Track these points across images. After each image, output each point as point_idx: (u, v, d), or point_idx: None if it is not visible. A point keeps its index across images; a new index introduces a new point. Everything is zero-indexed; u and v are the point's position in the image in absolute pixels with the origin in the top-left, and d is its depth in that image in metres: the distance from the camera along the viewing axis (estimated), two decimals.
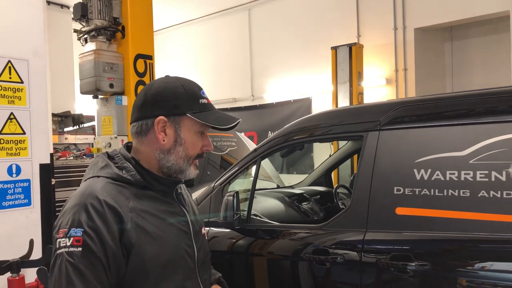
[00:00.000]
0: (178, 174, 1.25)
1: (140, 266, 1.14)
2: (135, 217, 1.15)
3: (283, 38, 7.80)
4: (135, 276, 1.14)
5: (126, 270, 1.13)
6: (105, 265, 1.09)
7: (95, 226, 1.09)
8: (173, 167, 1.24)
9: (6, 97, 2.50)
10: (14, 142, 2.55)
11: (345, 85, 6.04)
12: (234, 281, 2.44)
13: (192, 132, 1.25)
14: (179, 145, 1.24)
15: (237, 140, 4.68)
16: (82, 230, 1.08)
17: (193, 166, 1.27)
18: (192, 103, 1.24)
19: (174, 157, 1.24)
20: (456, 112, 1.95)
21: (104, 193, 1.14)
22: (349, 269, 1.97)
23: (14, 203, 2.56)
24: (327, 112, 2.57)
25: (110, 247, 1.09)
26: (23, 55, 2.57)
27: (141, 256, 1.14)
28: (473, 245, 1.74)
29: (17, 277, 2.15)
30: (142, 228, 1.16)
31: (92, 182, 1.19)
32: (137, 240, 1.13)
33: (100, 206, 1.11)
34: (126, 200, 1.17)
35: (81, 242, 1.07)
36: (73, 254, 1.07)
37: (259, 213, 2.62)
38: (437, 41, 6.78)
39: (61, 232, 1.11)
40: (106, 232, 1.09)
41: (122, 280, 1.13)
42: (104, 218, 1.11)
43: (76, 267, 1.06)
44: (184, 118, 1.24)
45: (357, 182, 2.04)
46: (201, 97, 1.26)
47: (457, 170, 1.77)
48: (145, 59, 3.67)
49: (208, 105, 1.27)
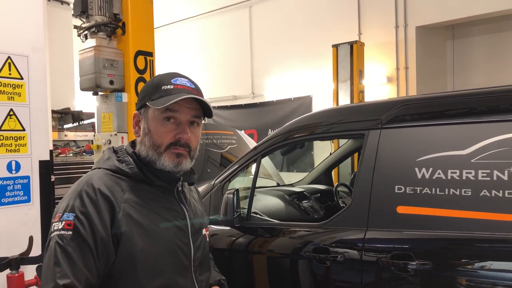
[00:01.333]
0: (153, 164, 1.24)
1: (129, 256, 1.15)
2: (128, 207, 1.17)
3: (283, 35, 7.78)
4: (124, 266, 1.15)
5: (115, 258, 1.14)
6: (93, 250, 1.11)
7: (87, 211, 1.13)
8: (147, 158, 1.25)
9: (6, 93, 2.49)
10: (14, 139, 2.54)
11: (346, 83, 6.03)
12: (234, 279, 2.43)
13: (156, 121, 1.24)
14: (145, 135, 1.25)
15: (237, 138, 4.67)
16: (74, 215, 1.12)
17: (167, 156, 1.23)
18: (152, 92, 1.25)
19: (144, 148, 1.25)
20: (458, 111, 1.94)
21: (100, 182, 1.18)
22: (350, 268, 1.96)
23: (14, 199, 2.55)
24: (327, 110, 2.56)
25: (99, 233, 1.12)
26: (22, 51, 2.56)
27: (130, 246, 1.15)
28: (475, 245, 1.73)
29: (16, 274, 2.15)
30: (134, 219, 1.17)
31: (92, 173, 1.24)
32: (126, 230, 1.15)
33: (93, 193, 1.15)
34: (121, 192, 1.19)
35: (72, 226, 1.11)
36: (63, 237, 1.10)
37: (259, 211, 2.61)
38: (438, 39, 6.76)
39: (57, 216, 1.15)
40: (97, 219, 1.12)
41: (111, 269, 1.15)
42: (96, 205, 1.14)
43: (64, 249, 1.09)
44: (148, 108, 1.25)
45: (358, 180, 2.03)
46: (166, 84, 1.24)
47: (458, 169, 1.76)
48: (146, 56, 3.65)
49: (172, 90, 1.23)
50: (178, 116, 1.24)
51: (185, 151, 1.25)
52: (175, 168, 1.24)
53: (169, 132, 1.23)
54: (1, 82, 2.47)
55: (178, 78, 1.28)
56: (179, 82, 1.26)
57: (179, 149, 1.24)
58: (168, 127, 1.24)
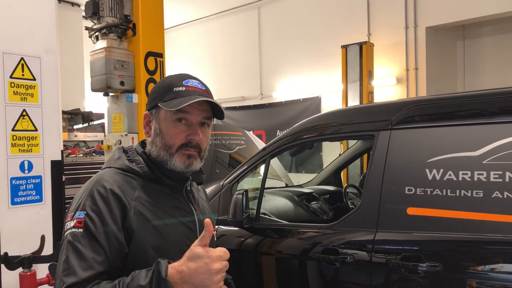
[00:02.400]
0: (164, 165, 1.25)
1: (140, 252, 1.16)
2: (139, 205, 1.19)
3: (292, 36, 7.78)
4: (136, 262, 1.16)
5: (128, 253, 1.16)
6: (104, 245, 1.12)
7: (98, 209, 1.14)
8: (158, 159, 1.26)
9: (19, 94, 2.53)
10: (26, 139, 2.57)
11: (355, 84, 6.00)
12: (243, 279, 2.44)
13: (168, 121, 1.25)
14: (157, 135, 1.26)
15: (246, 139, 4.67)
16: (85, 213, 1.14)
17: (178, 156, 1.24)
18: (164, 93, 1.26)
19: (155, 148, 1.26)
20: (469, 112, 1.93)
21: (111, 181, 1.20)
22: (359, 269, 1.95)
23: (26, 199, 2.59)
24: (337, 111, 2.55)
25: (111, 229, 1.13)
26: (35, 52, 2.60)
27: (141, 243, 1.17)
28: (486, 247, 1.71)
29: (28, 273, 2.18)
30: (145, 217, 1.19)
31: (103, 172, 1.25)
32: (138, 227, 1.17)
33: (105, 192, 1.16)
34: (132, 190, 1.21)
35: (83, 224, 1.12)
36: (74, 234, 1.12)
37: (268, 212, 2.61)
38: (449, 40, 6.70)
39: (69, 216, 1.17)
40: (108, 215, 1.14)
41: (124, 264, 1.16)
42: (107, 202, 1.15)
43: (74, 246, 1.10)
44: (160, 109, 1.26)
45: (368, 181, 2.02)
46: (177, 86, 1.26)
47: (470, 170, 1.74)
48: (156, 57, 3.68)
49: (184, 92, 1.25)
50: (190, 117, 1.25)
51: (196, 152, 1.27)
52: (186, 169, 1.26)
53: (181, 133, 1.25)
54: (14, 83, 2.51)
55: (190, 79, 1.29)
56: (190, 84, 1.27)
57: (190, 150, 1.26)
58: (180, 128, 1.25)
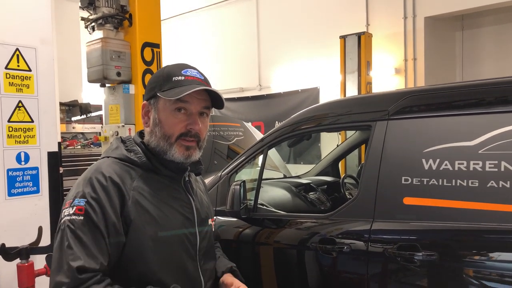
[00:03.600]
0: (163, 155, 1.26)
1: (137, 243, 1.17)
2: (137, 195, 1.19)
3: (291, 27, 7.73)
4: (133, 253, 1.17)
5: (125, 242, 1.16)
6: (105, 235, 1.12)
7: (98, 197, 1.14)
8: (157, 149, 1.26)
9: (14, 85, 2.52)
10: (23, 130, 2.57)
11: (354, 74, 5.99)
12: (240, 270, 2.44)
13: (167, 111, 1.25)
14: (156, 125, 1.26)
15: (244, 130, 4.67)
16: (85, 200, 1.14)
17: (177, 147, 1.25)
18: (163, 83, 1.25)
19: (154, 138, 1.27)
20: (466, 102, 1.93)
21: (110, 170, 1.20)
22: (356, 259, 1.96)
23: (23, 190, 2.59)
24: (334, 102, 2.54)
25: (110, 218, 1.13)
26: (31, 43, 2.58)
27: (139, 233, 1.17)
28: (481, 236, 1.72)
29: (26, 264, 2.18)
30: (143, 207, 1.19)
31: (101, 162, 1.26)
32: (136, 217, 1.17)
33: (104, 180, 1.17)
34: (130, 180, 1.21)
35: (83, 211, 1.13)
36: (75, 221, 1.12)
37: (265, 203, 2.62)
38: (447, 30, 6.67)
39: (67, 203, 1.17)
40: (107, 204, 1.14)
41: (121, 254, 1.17)
42: (106, 191, 1.15)
43: (75, 233, 1.11)
44: (159, 99, 1.26)
45: (365, 171, 2.03)
46: (176, 75, 1.25)
47: (466, 160, 1.74)
48: (153, 48, 3.65)
49: (183, 81, 1.25)
50: (189, 107, 1.25)
51: (195, 143, 1.27)
52: (185, 160, 1.26)
53: (180, 122, 1.25)
54: (9, 74, 2.49)
55: (188, 69, 1.29)
56: (189, 73, 1.27)
57: (188, 140, 1.26)
58: (179, 118, 1.25)
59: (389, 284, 1.89)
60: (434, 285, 1.77)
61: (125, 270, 1.17)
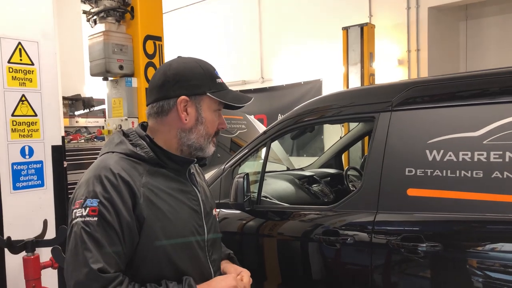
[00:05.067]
0: (198, 151, 1.30)
1: (150, 240, 1.17)
2: (147, 192, 1.19)
3: (293, 19, 7.69)
4: (146, 250, 1.17)
5: (139, 242, 1.16)
6: (120, 235, 1.12)
7: (110, 197, 1.13)
8: (193, 145, 1.28)
9: (17, 79, 2.52)
10: (26, 124, 2.57)
11: (356, 66, 5.96)
12: (244, 261, 2.45)
13: (211, 111, 1.30)
14: (200, 124, 1.28)
15: (247, 123, 4.67)
16: (98, 201, 1.12)
17: (212, 144, 1.32)
18: (210, 83, 1.29)
19: (195, 136, 1.28)
20: (470, 92, 1.91)
21: (118, 167, 1.18)
22: (359, 250, 1.97)
23: (28, 184, 2.60)
24: (337, 93, 2.53)
25: (124, 217, 1.13)
26: (33, 37, 2.57)
27: (152, 230, 1.17)
28: (485, 226, 1.72)
29: (32, 256, 2.21)
30: (154, 204, 1.19)
31: (106, 157, 1.23)
32: (148, 214, 1.17)
33: (114, 178, 1.15)
34: (139, 176, 1.20)
35: (97, 212, 1.11)
36: (89, 223, 1.11)
37: (269, 195, 2.62)
38: (451, 20, 6.61)
39: (77, 203, 1.15)
40: (120, 203, 1.13)
41: (135, 252, 1.17)
42: (118, 190, 1.14)
43: (91, 235, 1.10)
44: (204, 98, 1.28)
45: (368, 163, 2.02)
46: (217, 77, 1.31)
47: (470, 151, 1.74)
48: (155, 41, 3.64)
49: (223, 85, 1.33)
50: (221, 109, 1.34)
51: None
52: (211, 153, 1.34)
53: (216, 122, 1.33)
54: (12, 68, 2.50)
55: (215, 69, 1.35)
56: (219, 75, 1.34)
57: (216, 138, 1.35)
58: (217, 119, 1.32)
59: (393, 275, 1.89)
60: (438, 276, 1.77)
61: (138, 267, 1.18)
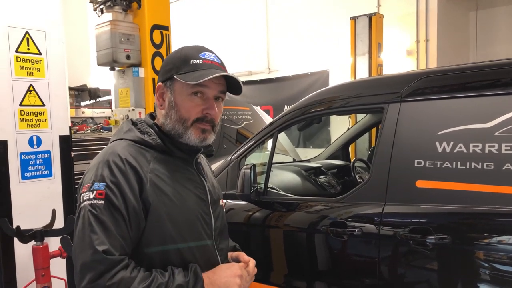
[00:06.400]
0: (178, 138, 1.25)
1: (157, 226, 1.17)
2: (154, 178, 1.19)
3: (300, 8, 7.61)
4: (152, 236, 1.17)
5: (145, 227, 1.16)
6: (126, 218, 1.12)
7: (117, 181, 1.13)
8: (172, 131, 1.26)
9: (25, 69, 2.52)
10: (34, 114, 2.58)
11: (364, 56, 5.88)
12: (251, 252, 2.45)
13: (184, 95, 1.23)
14: (171, 108, 1.25)
15: (253, 114, 4.65)
16: (105, 184, 1.13)
17: (193, 130, 1.24)
18: (180, 65, 1.23)
19: (169, 121, 1.26)
20: (481, 83, 1.89)
21: (126, 153, 1.19)
22: (367, 242, 1.96)
23: (36, 173, 2.62)
24: (345, 84, 2.51)
25: (131, 202, 1.13)
26: (40, 26, 2.57)
27: (158, 215, 1.17)
28: (495, 219, 1.71)
29: (41, 245, 2.23)
30: (161, 189, 1.19)
31: (115, 144, 1.24)
32: (154, 200, 1.17)
33: (121, 163, 1.16)
34: (146, 162, 1.20)
35: (104, 195, 1.12)
36: (96, 206, 1.11)
37: (276, 186, 2.62)
38: (461, 10, 6.51)
39: (85, 187, 1.15)
40: (127, 188, 1.13)
41: (141, 237, 1.16)
42: (125, 174, 1.14)
43: (98, 217, 1.10)
44: (175, 82, 1.24)
45: (377, 154, 2.01)
46: (194, 58, 1.23)
47: (481, 142, 1.72)
48: (162, 30, 3.62)
49: (202, 65, 1.23)
50: (206, 91, 1.24)
51: (210, 127, 1.27)
52: (200, 143, 1.26)
53: (196, 106, 1.24)
54: (20, 57, 2.49)
55: (206, 52, 1.27)
56: (207, 57, 1.25)
57: (205, 124, 1.25)
58: (196, 102, 1.24)
59: (401, 267, 1.89)
60: (446, 268, 1.76)
61: (144, 253, 1.17)
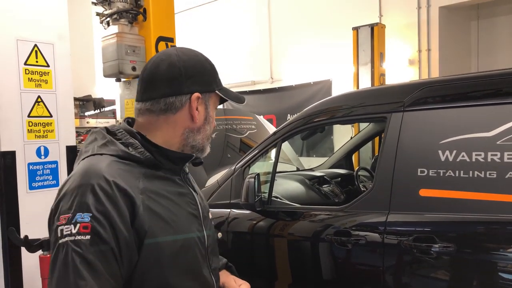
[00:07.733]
0: (199, 152, 1.19)
1: (153, 254, 1.02)
2: (147, 199, 1.03)
3: (302, 18, 7.68)
4: (148, 265, 1.02)
5: (138, 258, 1.01)
6: (117, 254, 0.96)
7: (105, 210, 0.95)
8: (197, 146, 1.17)
9: (33, 81, 2.57)
10: (42, 125, 2.62)
11: (367, 66, 5.93)
12: (255, 261, 2.48)
13: (214, 110, 1.20)
14: (208, 123, 1.17)
15: (257, 123, 4.67)
16: (90, 215, 0.94)
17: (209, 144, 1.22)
18: (217, 79, 1.20)
19: (201, 136, 1.17)
20: (483, 92, 1.91)
21: (112, 173, 1.00)
22: (371, 251, 1.97)
23: (43, 184, 2.65)
24: (348, 94, 2.54)
25: (122, 234, 0.96)
26: (49, 39, 2.62)
27: (154, 244, 1.02)
28: (500, 227, 1.71)
29: (48, 255, 2.24)
30: (155, 212, 1.04)
31: (94, 161, 1.03)
32: (150, 226, 1.01)
33: (109, 187, 0.97)
34: (136, 181, 1.03)
35: (89, 229, 0.93)
36: (81, 242, 0.93)
37: (280, 195, 2.64)
38: (462, 20, 6.56)
39: (64, 218, 0.96)
40: (117, 217, 0.96)
41: (133, 270, 1.01)
42: (114, 201, 0.97)
43: (84, 258, 0.92)
44: (212, 95, 1.18)
45: (380, 163, 2.02)
46: None
47: (483, 151, 1.73)
48: (167, 42, 3.67)
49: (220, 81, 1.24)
50: None
51: None
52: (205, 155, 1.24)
53: None
54: (28, 69, 2.54)
55: None
56: None
57: None
58: None
59: (405, 276, 1.89)
60: (451, 277, 1.77)
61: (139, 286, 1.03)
